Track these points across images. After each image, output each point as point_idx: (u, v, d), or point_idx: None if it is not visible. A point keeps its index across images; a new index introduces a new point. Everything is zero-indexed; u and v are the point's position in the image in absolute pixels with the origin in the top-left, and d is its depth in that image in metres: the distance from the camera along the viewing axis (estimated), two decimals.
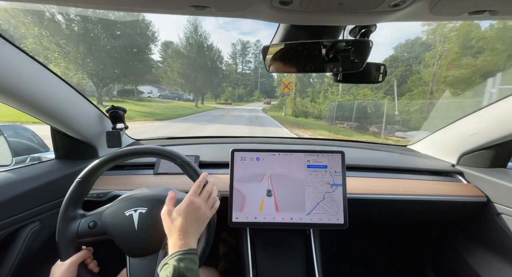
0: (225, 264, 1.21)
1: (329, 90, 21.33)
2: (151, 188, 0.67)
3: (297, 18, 0.50)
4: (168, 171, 0.97)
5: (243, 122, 12.74)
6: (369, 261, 1.46)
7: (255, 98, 61.33)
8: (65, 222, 0.59)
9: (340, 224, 0.79)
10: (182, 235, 0.52)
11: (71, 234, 0.59)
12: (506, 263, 0.88)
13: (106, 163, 0.63)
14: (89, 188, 0.64)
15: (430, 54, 16.40)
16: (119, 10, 0.48)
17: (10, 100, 0.67)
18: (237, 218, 0.80)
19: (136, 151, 0.63)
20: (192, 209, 0.56)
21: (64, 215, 0.59)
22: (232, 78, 67.37)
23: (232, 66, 71.44)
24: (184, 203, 0.56)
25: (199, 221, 0.56)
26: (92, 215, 0.62)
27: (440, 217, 1.04)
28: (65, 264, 0.57)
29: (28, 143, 1.06)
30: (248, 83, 70.46)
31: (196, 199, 0.57)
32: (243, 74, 75.53)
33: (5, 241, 0.72)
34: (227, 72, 67.68)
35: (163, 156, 0.64)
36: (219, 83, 46.46)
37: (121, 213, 0.60)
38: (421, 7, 0.44)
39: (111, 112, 0.98)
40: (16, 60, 0.63)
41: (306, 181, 0.81)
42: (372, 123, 11.70)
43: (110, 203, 0.64)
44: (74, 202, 0.61)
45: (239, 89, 62.12)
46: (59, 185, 0.84)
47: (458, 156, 1.06)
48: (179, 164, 0.64)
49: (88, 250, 0.62)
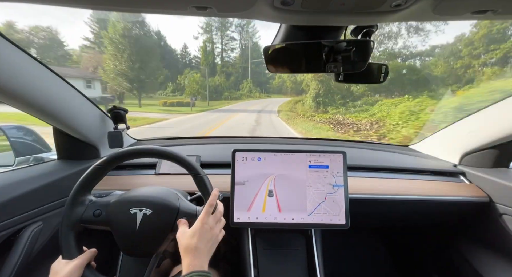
0: (226, 265, 1.21)
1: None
2: (160, 190, 0.67)
3: (299, 18, 0.50)
4: (169, 171, 0.98)
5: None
6: (370, 261, 1.45)
7: (244, 93, 36.63)
8: (72, 206, 0.60)
9: (341, 224, 0.79)
10: (198, 256, 0.52)
11: (76, 217, 0.59)
12: (508, 264, 0.87)
13: (126, 156, 0.63)
14: (102, 177, 0.64)
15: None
16: (120, 11, 0.48)
17: (13, 101, 0.67)
18: (238, 218, 0.80)
19: (156, 151, 0.63)
20: (206, 230, 0.56)
21: (73, 197, 0.60)
22: (208, 63, 40.52)
23: (206, 45, 42.40)
24: (199, 224, 0.56)
25: (211, 241, 0.57)
26: (99, 203, 0.62)
27: (442, 217, 1.04)
28: (72, 264, 0.56)
29: (30, 144, 1.07)
30: (232, 71, 42.43)
31: (210, 220, 0.58)
32: (222, 57, 44.42)
33: (8, 241, 0.72)
34: (189, 55, 44.39)
35: (181, 163, 0.64)
36: (179, 69, 30.52)
37: (126, 209, 0.60)
38: (423, 7, 0.43)
39: (113, 113, 0.99)
40: (18, 61, 0.64)
41: (308, 181, 0.81)
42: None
43: (120, 195, 0.64)
44: (86, 186, 0.62)
45: (216, 78, 35.57)
46: (61, 185, 0.84)
47: (460, 156, 1.06)
48: (194, 175, 0.64)
49: (95, 252, 0.62)
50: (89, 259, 0.59)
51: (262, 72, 44.73)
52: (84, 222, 0.59)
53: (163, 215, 0.59)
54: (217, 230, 0.59)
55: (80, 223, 0.59)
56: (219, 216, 0.61)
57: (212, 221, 0.58)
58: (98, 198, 0.64)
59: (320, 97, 14.11)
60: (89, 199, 0.63)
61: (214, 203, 0.60)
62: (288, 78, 37.81)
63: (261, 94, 40.01)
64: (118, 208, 0.61)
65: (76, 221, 0.59)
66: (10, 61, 0.61)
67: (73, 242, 0.59)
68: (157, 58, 23.26)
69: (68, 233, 0.58)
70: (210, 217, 0.58)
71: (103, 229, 0.60)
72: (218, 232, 0.59)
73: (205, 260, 0.54)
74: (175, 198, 0.64)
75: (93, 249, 0.62)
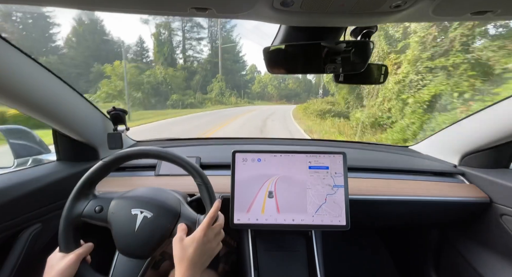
0: (225, 266, 1.21)
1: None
2: (163, 193, 0.66)
3: (298, 19, 0.50)
4: (169, 172, 0.97)
5: None
6: (371, 262, 1.45)
7: (212, 97, 26.06)
8: (76, 199, 0.60)
9: (342, 225, 0.79)
10: (191, 267, 0.52)
11: (77, 211, 0.59)
12: (508, 264, 0.87)
13: (134, 155, 0.63)
14: (108, 173, 0.64)
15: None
16: (120, 12, 0.48)
17: (12, 102, 0.67)
18: (238, 220, 0.79)
19: (164, 155, 0.62)
20: (204, 242, 0.55)
21: (78, 191, 0.60)
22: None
23: (161, 32, 29.31)
24: (198, 234, 0.55)
25: (207, 254, 0.56)
26: (102, 199, 0.62)
27: (442, 218, 1.03)
28: (67, 258, 0.55)
29: (29, 145, 1.07)
30: (193, 69, 29.58)
31: (209, 233, 0.57)
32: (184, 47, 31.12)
33: (7, 243, 0.72)
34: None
35: (187, 170, 0.63)
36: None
37: (127, 209, 0.60)
38: (422, 8, 0.44)
39: (112, 114, 0.98)
40: (18, 62, 0.64)
41: (308, 182, 0.81)
42: None
43: (123, 193, 0.64)
44: (91, 181, 0.62)
45: (170, 70, 23.07)
46: (60, 187, 0.84)
47: (460, 156, 1.06)
48: (198, 183, 0.63)
49: (91, 246, 0.62)
50: (85, 253, 0.59)
51: (236, 70, 33.35)
52: (85, 217, 0.59)
53: (163, 220, 0.59)
54: (215, 243, 0.58)
55: (80, 217, 0.59)
56: (218, 229, 0.60)
57: (211, 233, 0.57)
58: (101, 194, 0.64)
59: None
60: (93, 193, 0.63)
61: (215, 216, 0.59)
62: (270, 83, 32.13)
63: (240, 100, 28.99)
64: (119, 207, 0.60)
65: (77, 215, 0.59)
66: (9, 63, 0.61)
67: (71, 235, 0.59)
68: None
69: (67, 226, 0.58)
70: (210, 230, 0.57)
71: (102, 225, 0.60)
72: (215, 246, 0.59)
73: (198, 272, 0.53)
74: (177, 203, 0.63)
75: (90, 244, 0.62)
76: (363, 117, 7.86)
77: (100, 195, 0.63)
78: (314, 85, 35.18)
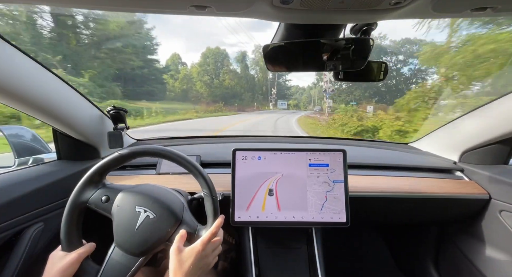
0: (224, 264, 1.21)
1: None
2: (169, 195, 0.66)
3: (298, 17, 0.50)
4: (170, 171, 0.98)
5: None
6: (371, 259, 1.46)
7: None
8: (86, 185, 0.61)
9: (342, 222, 0.79)
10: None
11: (85, 197, 0.60)
12: (508, 260, 0.88)
13: (147, 153, 0.63)
14: (120, 165, 0.64)
15: None
16: (119, 11, 0.48)
17: (11, 101, 0.67)
18: (239, 217, 0.80)
19: (176, 157, 0.62)
20: (201, 256, 0.56)
21: (89, 177, 0.61)
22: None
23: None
24: (197, 248, 0.56)
25: (203, 269, 0.57)
26: (110, 190, 0.62)
27: (442, 214, 1.04)
28: (69, 257, 0.56)
29: (30, 144, 1.07)
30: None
31: (208, 247, 0.58)
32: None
33: (9, 242, 0.72)
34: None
35: (196, 177, 0.63)
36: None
37: (131, 206, 0.60)
38: (422, 4, 0.43)
39: (112, 113, 0.98)
40: (17, 61, 0.64)
41: (308, 180, 0.82)
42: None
43: (131, 186, 0.65)
44: (103, 170, 0.62)
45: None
46: (61, 186, 0.84)
47: (460, 153, 1.06)
48: (205, 194, 0.63)
49: (93, 246, 0.62)
50: (87, 253, 0.59)
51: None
52: (91, 203, 0.60)
53: (164, 223, 0.59)
54: (211, 258, 0.60)
55: (86, 203, 0.60)
56: (217, 244, 0.61)
57: (210, 248, 0.58)
58: (110, 184, 0.65)
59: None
60: (103, 182, 0.64)
61: (217, 232, 0.59)
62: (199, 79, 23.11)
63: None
64: (125, 201, 0.61)
65: (84, 200, 0.60)
66: (9, 62, 0.61)
67: (75, 232, 0.59)
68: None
69: (73, 210, 0.59)
70: (209, 244, 0.58)
71: (105, 215, 0.61)
72: (211, 260, 0.60)
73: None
74: (180, 208, 0.63)
75: (92, 243, 0.62)
76: None
77: (109, 185, 0.64)
78: (258, 83, 30.72)
